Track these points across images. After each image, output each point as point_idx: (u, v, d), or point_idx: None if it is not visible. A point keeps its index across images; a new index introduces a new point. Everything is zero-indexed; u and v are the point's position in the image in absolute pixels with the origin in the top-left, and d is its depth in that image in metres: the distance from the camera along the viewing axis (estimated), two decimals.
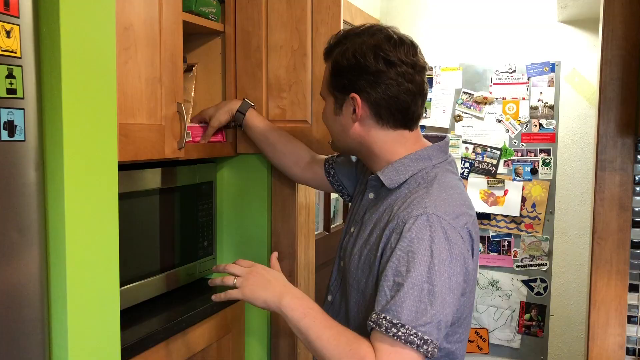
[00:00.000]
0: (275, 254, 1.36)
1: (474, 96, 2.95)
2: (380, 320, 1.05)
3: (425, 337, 1.03)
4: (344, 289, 1.32)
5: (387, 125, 1.23)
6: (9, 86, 0.90)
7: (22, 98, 0.92)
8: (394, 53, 1.19)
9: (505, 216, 2.92)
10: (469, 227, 1.15)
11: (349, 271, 1.27)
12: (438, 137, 1.30)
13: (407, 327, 1.03)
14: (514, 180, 2.91)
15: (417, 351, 1.03)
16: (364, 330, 1.11)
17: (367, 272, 1.20)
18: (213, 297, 1.31)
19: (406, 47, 1.21)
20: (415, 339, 1.02)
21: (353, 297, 1.26)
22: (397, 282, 1.06)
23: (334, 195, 2.91)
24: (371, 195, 1.31)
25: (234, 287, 1.26)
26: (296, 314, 1.16)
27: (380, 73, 1.19)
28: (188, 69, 1.80)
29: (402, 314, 1.03)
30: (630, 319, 1.60)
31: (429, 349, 1.03)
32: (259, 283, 1.23)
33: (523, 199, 2.89)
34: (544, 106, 2.85)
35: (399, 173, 1.22)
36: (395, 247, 1.10)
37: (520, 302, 2.92)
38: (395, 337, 1.03)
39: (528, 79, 2.86)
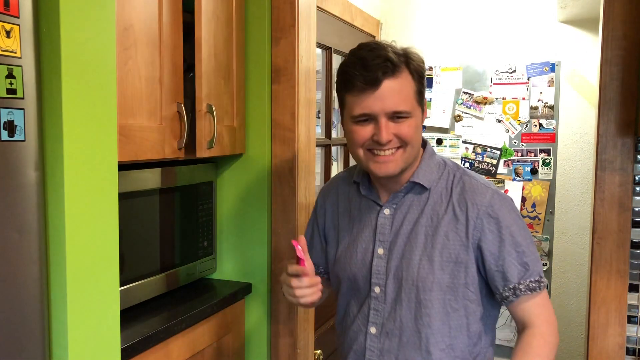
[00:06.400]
0: None
1: (474, 96, 2.95)
2: (530, 284, 1.24)
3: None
4: (399, 311, 1.28)
5: None
6: (9, 86, 0.90)
7: (22, 98, 0.92)
8: None
9: None
10: None
11: (421, 281, 1.25)
12: None
13: (541, 275, 1.26)
14: (514, 180, 2.91)
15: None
16: (455, 323, 1.28)
17: (452, 266, 1.26)
18: None
19: None
20: (544, 280, 1.27)
21: (435, 302, 1.25)
22: (519, 251, 1.24)
23: None
24: (387, 212, 1.31)
25: None
26: None
27: None
28: (188, 69, 1.80)
29: (539, 268, 1.26)
30: (630, 319, 1.60)
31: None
32: None
33: (523, 199, 2.89)
34: (544, 106, 2.84)
35: (430, 172, 1.31)
36: (498, 228, 1.25)
37: None
38: (543, 288, 1.25)
39: (528, 79, 2.86)
